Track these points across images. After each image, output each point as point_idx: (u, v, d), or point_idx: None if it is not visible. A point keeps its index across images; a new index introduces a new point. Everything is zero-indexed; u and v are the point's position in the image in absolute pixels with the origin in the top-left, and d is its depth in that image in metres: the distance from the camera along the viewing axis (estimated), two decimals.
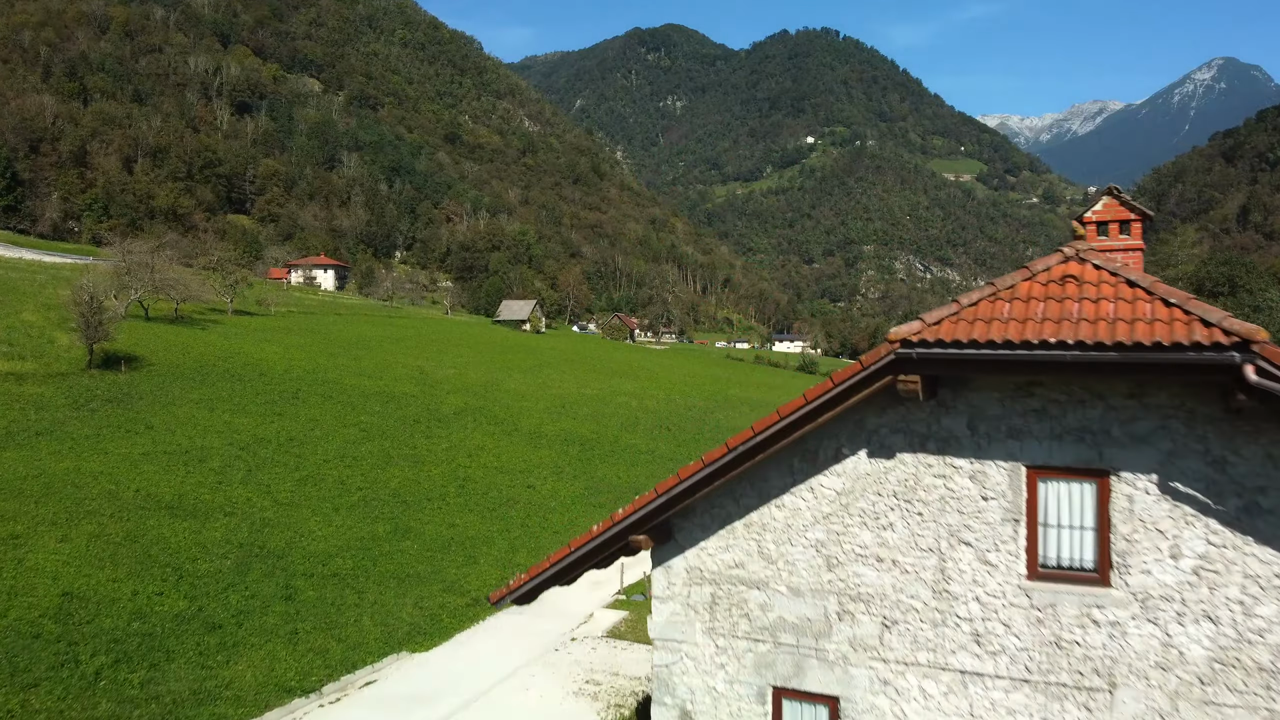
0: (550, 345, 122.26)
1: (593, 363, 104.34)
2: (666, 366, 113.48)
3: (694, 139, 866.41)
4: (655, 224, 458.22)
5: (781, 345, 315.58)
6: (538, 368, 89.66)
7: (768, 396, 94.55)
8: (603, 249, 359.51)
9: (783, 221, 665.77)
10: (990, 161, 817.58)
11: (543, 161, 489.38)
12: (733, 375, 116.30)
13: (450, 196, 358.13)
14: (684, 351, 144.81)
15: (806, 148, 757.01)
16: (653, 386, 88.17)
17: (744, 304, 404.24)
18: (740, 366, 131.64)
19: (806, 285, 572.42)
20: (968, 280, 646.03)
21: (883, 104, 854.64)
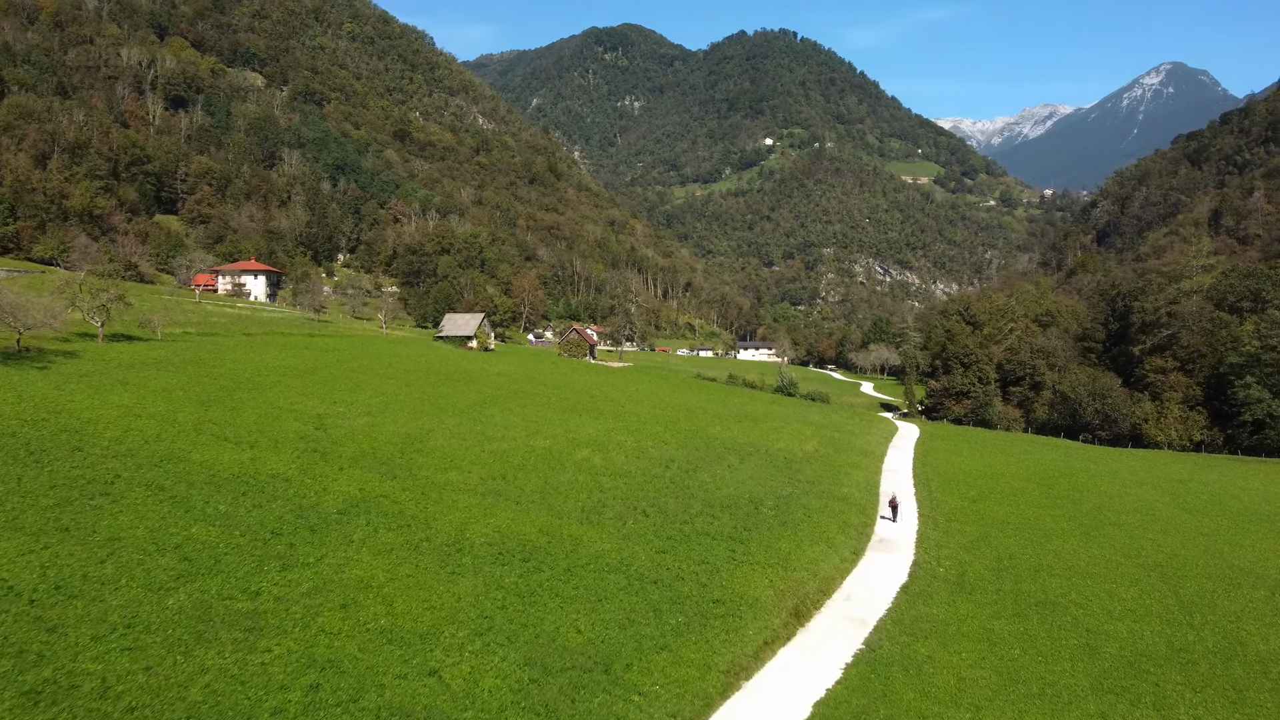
0: (499, 369, 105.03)
1: (547, 394, 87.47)
2: (632, 395, 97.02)
3: (652, 139, 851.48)
4: (614, 226, 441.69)
5: (747, 353, 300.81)
6: (479, 406, 72.75)
7: (754, 437, 78.73)
8: (560, 252, 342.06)
9: (742, 224, 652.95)
10: (947, 164, 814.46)
11: (497, 160, 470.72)
12: (708, 404, 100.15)
13: (398, 196, 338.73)
14: (650, 371, 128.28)
15: (765, 149, 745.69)
16: (619, 429, 71.68)
17: (706, 308, 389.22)
18: (713, 391, 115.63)
19: (767, 288, 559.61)
20: (927, 283, 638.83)
21: (840, 106, 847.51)
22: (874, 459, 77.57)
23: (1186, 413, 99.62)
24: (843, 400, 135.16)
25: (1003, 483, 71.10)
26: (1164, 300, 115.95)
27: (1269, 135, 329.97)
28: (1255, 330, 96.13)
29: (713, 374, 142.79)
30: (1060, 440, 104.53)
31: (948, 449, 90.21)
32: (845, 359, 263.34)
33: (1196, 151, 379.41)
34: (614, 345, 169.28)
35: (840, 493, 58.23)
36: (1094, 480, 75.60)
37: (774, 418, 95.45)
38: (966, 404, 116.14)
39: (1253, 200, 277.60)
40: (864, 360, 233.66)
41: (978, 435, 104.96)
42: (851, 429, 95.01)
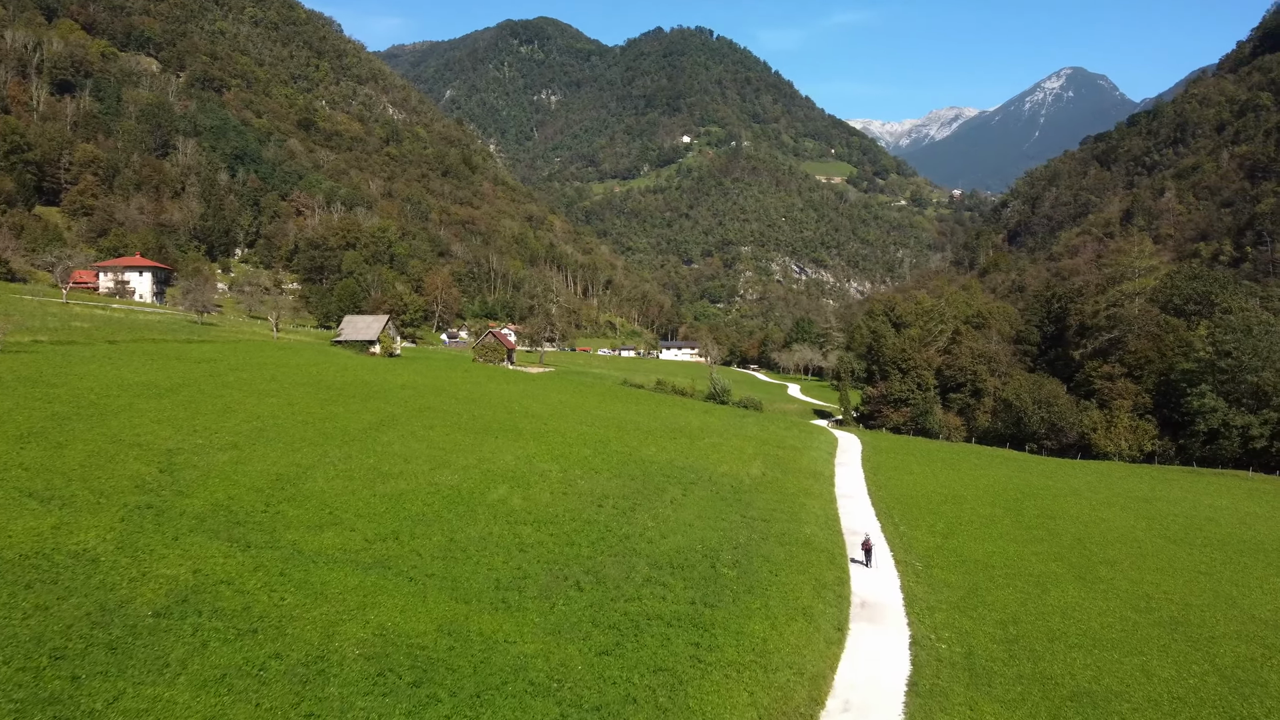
0: (404, 379, 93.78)
1: (459, 410, 76.93)
2: (556, 408, 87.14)
3: (570, 134, 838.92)
4: (532, 221, 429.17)
5: (670, 353, 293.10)
6: (376, 429, 61.99)
7: (694, 459, 69.89)
8: (475, 247, 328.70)
9: (661, 221, 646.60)
10: (860, 164, 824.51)
11: (408, 151, 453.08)
12: (639, 417, 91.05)
13: (301, 188, 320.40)
14: (573, 378, 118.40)
15: (683, 147, 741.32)
16: (542, 454, 61.89)
17: (627, 307, 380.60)
18: (643, 400, 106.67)
19: (686, 286, 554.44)
20: (841, 282, 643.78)
21: (756, 105, 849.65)
22: (824, 481, 69.49)
23: (1136, 422, 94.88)
24: (775, 407, 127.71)
25: (967, 508, 63.87)
26: (1105, 303, 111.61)
27: (1177, 137, 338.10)
28: (1209, 336, 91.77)
29: (640, 379, 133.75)
30: (1006, 451, 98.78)
31: (896, 465, 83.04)
32: (768, 359, 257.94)
33: (1105, 153, 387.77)
34: (534, 347, 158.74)
35: (802, 534, 49.62)
36: (1059, 502, 69.16)
37: (711, 432, 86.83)
38: (905, 412, 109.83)
39: (1164, 201, 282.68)
40: (787, 360, 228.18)
41: (921, 447, 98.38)
42: (794, 443, 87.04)
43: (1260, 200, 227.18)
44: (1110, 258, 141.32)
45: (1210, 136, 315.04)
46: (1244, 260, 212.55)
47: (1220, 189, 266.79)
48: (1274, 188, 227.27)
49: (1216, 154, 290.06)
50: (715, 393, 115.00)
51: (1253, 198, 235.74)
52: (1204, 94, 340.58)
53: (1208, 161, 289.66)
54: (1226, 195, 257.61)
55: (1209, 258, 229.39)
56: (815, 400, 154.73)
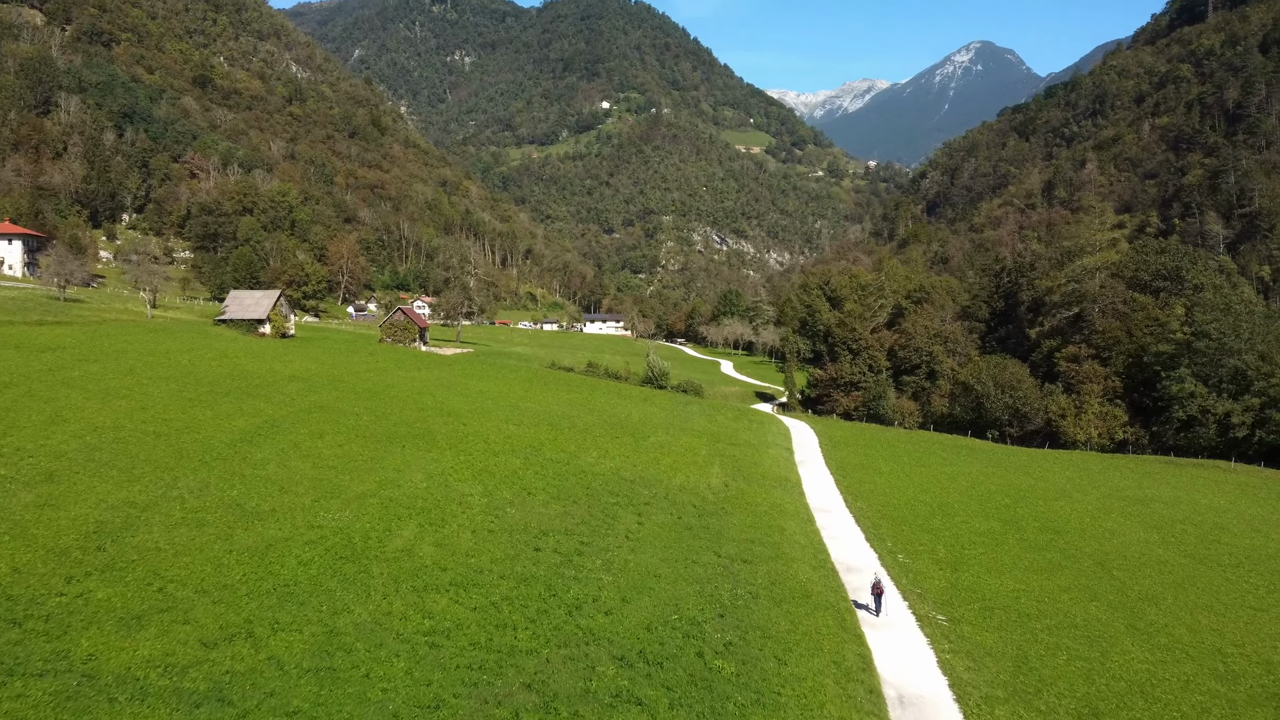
0: (294, 368, 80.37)
1: (358, 409, 64.44)
2: (476, 402, 75.18)
3: (485, 98, 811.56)
4: (446, 187, 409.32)
5: (594, 326, 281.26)
6: (248, 442, 49.49)
7: (643, 467, 59.34)
8: (385, 213, 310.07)
9: (581, 189, 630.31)
10: (778, 134, 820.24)
11: (312, 112, 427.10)
12: (573, 410, 79.86)
13: (195, 148, 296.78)
14: (494, 361, 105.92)
15: (602, 113, 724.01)
16: (460, 469, 50.31)
17: (548, 277, 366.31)
18: (575, 387, 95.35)
19: (608, 256, 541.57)
20: (761, 253, 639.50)
21: (675, 72, 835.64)
22: (793, 490, 59.61)
23: (1106, 408, 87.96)
24: (716, 391, 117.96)
25: (960, 522, 54.94)
26: (1065, 278, 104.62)
27: (1095, 109, 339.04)
28: (1186, 315, 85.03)
29: (568, 360, 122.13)
30: (970, 440, 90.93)
31: (862, 462, 73.89)
32: (695, 332, 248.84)
33: (1023, 124, 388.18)
34: (450, 322, 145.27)
35: (795, 580, 39.37)
36: (1052, 508, 61.07)
37: (655, 426, 76.21)
38: (856, 396, 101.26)
39: (1086, 172, 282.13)
40: (715, 335, 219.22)
41: (880, 437, 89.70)
42: (748, 438, 77.10)
43: (1186, 172, 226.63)
44: (1067, 230, 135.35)
45: (1129, 108, 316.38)
46: (1171, 232, 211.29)
47: (1142, 160, 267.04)
48: (1200, 159, 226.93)
49: (1137, 125, 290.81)
50: (653, 376, 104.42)
51: (1178, 169, 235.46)
52: (1122, 65, 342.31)
53: (1128, 133, 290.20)
54: (1149, 167, 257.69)
55: (1136, 229, 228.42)
56: (753, 380, 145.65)
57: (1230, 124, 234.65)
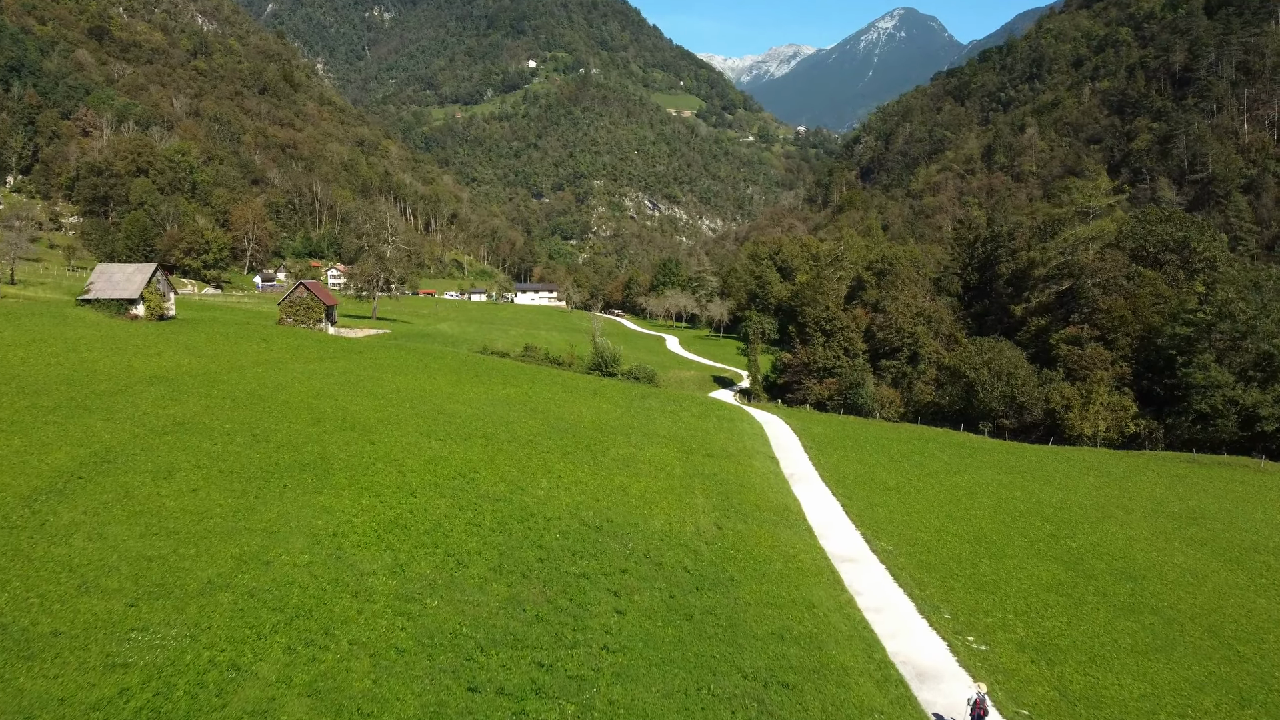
0: (160, 367, 64.40)
1: (231, 428, 49.34)
2: (388, 409, 60.54)
3: (406, 55, 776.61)
4: (365, 147, 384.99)
5: (525, 296, 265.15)
6: (64, 486, 34.74)
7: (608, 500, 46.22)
8: (296, 174, 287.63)
9: (508, 151, 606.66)
10: (708, 98, 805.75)
11: (219, 66, 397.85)
12: (511, 412, 65.89)
13: (89, 104, 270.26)
14: (414, 346, 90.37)
15: (529, 72, 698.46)
16: (363, 522, 36.21)
17: (475, 243, 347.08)
18: (511, 379, 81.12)
19: (537, 221, 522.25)
20: (694, 219, 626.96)
21: (604, 32, 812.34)
22: (800, 526, 46.92)
23: (1114, 396, 77.51)
24: (670, 376, 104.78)
25: (1015, 568, 43.35)
26: (1056, 249, 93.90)
27: (1033, 72, 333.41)
28: (1206, 292, 74.72)
29: (502, 342, 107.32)
30: (965, 436, 79.73)
31: (860, 473, 61.69)
32: (633, 303, 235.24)
33: (958, 88, 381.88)
34: (362, 295, 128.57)
35: (859, 708, 26.52)
36: (1104, 536, 50.22)
37: (613, 431, 62.81)
38: (831, 384, 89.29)
39: (1026, 137, 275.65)
40: (655, 306, 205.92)
41: (866, 433, 77.83)
42: (724, 444, 64.22)
43: (1134, 137, 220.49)
44: (1057, 195, 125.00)
45: (1067, 72, 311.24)
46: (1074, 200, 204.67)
47: (1084, 125, 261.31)
48: (1147, 124, 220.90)
49: (1077, 90, 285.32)
50: (602, 361, 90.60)
51: (1124, 134, 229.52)
52: (1059, 29, 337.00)
53: (1068, 97, 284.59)
54: (1093, 131, 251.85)
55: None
56: (704, 359, 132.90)
57: (1178, 88, 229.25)
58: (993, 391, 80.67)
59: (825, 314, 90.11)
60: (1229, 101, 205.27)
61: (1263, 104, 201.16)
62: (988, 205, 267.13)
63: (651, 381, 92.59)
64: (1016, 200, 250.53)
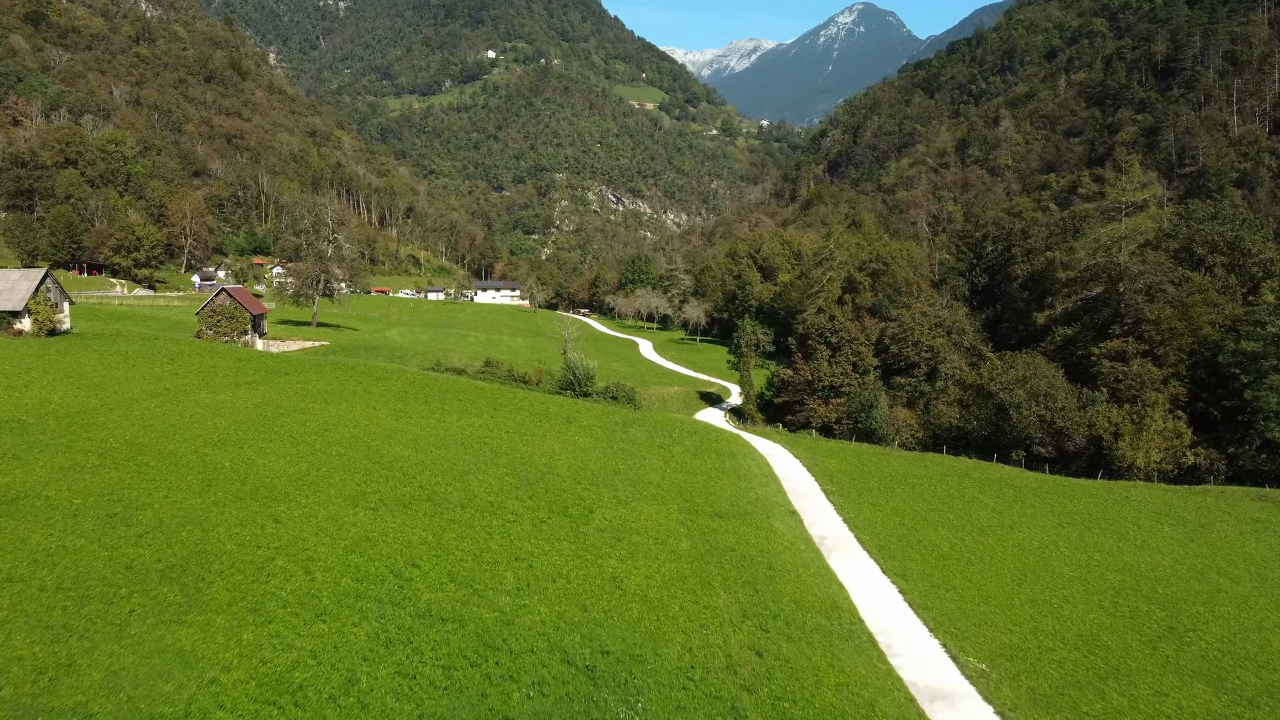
0: (19, 403, 50.76)
1: (82, 499, 36.16)
2: (311, 454, 47.49)
3: (361, 44, 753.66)
4: (316, 137, 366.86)
5: (486, 295, 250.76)
6: None
7: (595, 604, 34.31)
8: (241, 166, 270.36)
9: (468, 143, 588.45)
10: (671, 91, 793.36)
11: (163, 53, 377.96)
12: (468, 455, 53.25)
13: (19, 92, 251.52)
14: (351, 368, 76.14)
15: (488, 62, 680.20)
16: (241, 674, 23.73)
17: (432, 238, 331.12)
18: (469, 404, 68.11)
19: (498, 215, 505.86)
20: (658, 213, 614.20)
21: (564, 22, 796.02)
22: (862, 641, 34.69)
23: (1168, 422, 66.62)
24: (650, 394, 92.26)
25: (1150, 693, 32.09)
26: (1087, 250, 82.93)
27: (1004, 64, 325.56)
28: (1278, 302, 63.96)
29: (458, 353, 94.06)
30: (1003, 470, 68.33)
31: (900, 533, 49.73)
32: (601, 302, 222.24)
33: (926, 81, 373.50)
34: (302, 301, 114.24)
35: None
36: (1214, 612, 40.32)
37: (595, 481, 50.33)
38: (838, 405, 77.47)
39: (1001, 130, 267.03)
40: (625, 306, 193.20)
41: (889, 469, 66.13)
42: (734, 498, 52.00)
43: (1118, 130, 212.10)
44: (1090, 187, 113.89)
45: (1040, 64, 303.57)
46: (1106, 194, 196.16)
47: (1061, 118, 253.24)
48: (1131, 116, 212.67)
49: (1051, 81, 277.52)
50: (575, 380, 77.87)
51: (1107, 127, 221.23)
52: (1030, 20, 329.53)
53: (1043, 89, 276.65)
54: (1071, 124, 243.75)
55: (1064, 189, 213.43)
56: (684, 368, 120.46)
57: (1161, 79, 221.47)
58: (1028, 415, 69.50)
59: (830, 323, 78.20)
60: (1217, 92, 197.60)
61: (1251, 95, 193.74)
62: (964, 200, 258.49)
63: (632, 402, 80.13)
64: (995, 195, 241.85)
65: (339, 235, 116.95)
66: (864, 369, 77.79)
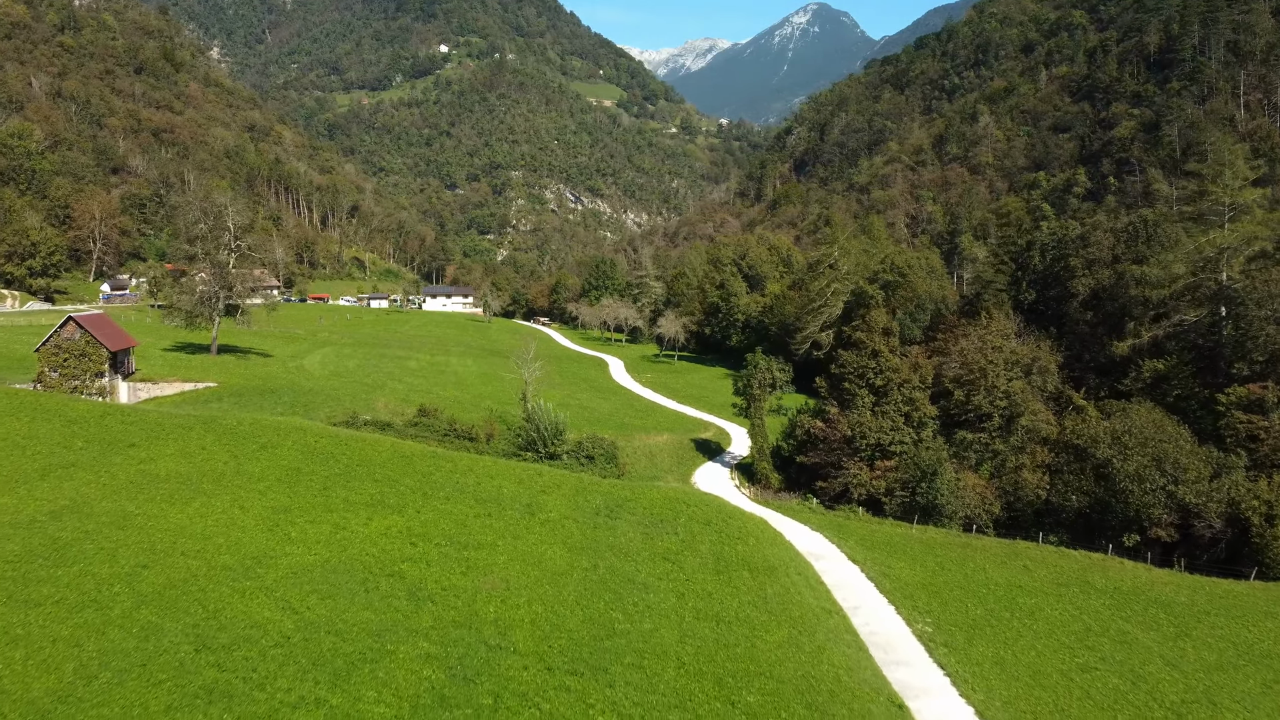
0: None
1: None
2: (103, 641, 27.83)
3: (309, 38, 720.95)
4: (255, 132, 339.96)
5: (436, 303, 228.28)
6: None
7: None
8: (164, 163, 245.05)
9: (419, 139, 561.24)
10: (629, 88, 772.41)
11: (89, 43, 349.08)
12: (370, 605, 32.67)
13: None
14: (233, 425, 55.06)
15: (440, 57, 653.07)
16: None
17: (379, 239, 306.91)
18: (389, 484, 47.58)
19: (451, 215, 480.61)
20: (618, 213, 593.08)
21: (519, 17, 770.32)
22: None
23: None
24: (633, 445, 72.18)
25: None
26: (1185, 262, 64.84)
27: (978, 58, 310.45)
28: None
29: (386, 398, 73.03)
30: (1130, 570, 49.43)
31: None
32: (562, 309, 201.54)
33: (895, 76, 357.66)
34: (191, 321, 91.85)
35: None
36: None
37: (573, 666, 30.15)
38: (886, 469, 58.20)
39: (981, 126, 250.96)
40: (589, 315, 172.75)
41: (992, 581, 46.95)
42: (802, 679, 32.10)
43: (1113, 125, 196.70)
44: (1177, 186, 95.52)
45: (1017, 58, 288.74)
46: (1106, 192, 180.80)
47: (1044, 113, 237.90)
48: (1126, 110, 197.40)
49: (1031, 75, 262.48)
50: (538, 437, 57.70)
51: (1099, 122, 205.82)
52: (1004, 13, 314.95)
53: (1023, 84, 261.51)
54: (1056, 119, 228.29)
55: (1057, 188, 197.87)
56: (667, 399, 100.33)
57: (1155, 71, 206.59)
58: (1150, 488, 51.19)
59: (873, 361, 58.93)
60: (1221, 85, 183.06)
61: (1257, 87, 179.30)
62: (944, 199, 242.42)
63: (614, 463, 60.19)
64: (979, 194, 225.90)
65: (245, 240, 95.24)
66: (919, 421, 58.82)
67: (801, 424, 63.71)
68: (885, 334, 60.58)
